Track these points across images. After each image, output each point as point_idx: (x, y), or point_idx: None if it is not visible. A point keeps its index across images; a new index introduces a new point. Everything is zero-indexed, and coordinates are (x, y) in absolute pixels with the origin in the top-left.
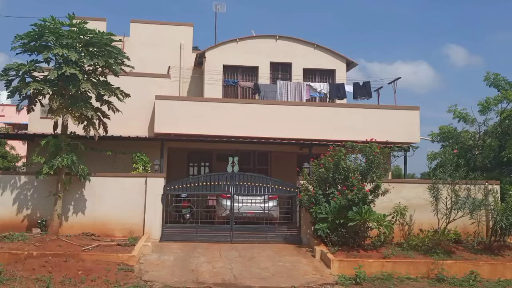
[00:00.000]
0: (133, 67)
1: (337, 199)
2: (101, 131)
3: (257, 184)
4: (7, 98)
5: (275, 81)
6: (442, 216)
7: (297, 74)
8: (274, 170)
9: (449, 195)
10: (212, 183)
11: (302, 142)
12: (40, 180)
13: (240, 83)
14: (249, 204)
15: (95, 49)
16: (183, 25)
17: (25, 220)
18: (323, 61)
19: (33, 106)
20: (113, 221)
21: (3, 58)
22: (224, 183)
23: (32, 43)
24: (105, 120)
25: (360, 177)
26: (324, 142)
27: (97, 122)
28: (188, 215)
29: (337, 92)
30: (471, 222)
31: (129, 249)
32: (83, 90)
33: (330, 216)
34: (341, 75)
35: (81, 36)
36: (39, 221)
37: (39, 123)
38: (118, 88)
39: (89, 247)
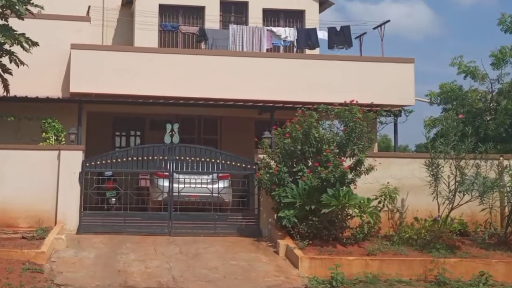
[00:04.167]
0: (42, 7)
1: (307, 179)
2: (0, 90)
3: (203, 159)
4: None
5: (227, 26)
6: (443, 201)
7: (255, 17)
8: (226, 141)
9: (452, 174)
10: (145, 158)
11: (261, 104)
12: None
13: (181, 28)
14: (192, 185)
15: None
16: None
17: None
18: None
19: None
20: (16, 207)
21: None
22: (161, 157)
23: None
24: (6, 76)
25: (337, 150)
26: (291, 105)
27: None
28: (113, 199)
29: (307, 39)
30: (481, 209)
31: (37, 243)
32: None
33: (298, 201)
34: (313, 18)
35: None
36: None
37: None
38: (23, 34)
39: None
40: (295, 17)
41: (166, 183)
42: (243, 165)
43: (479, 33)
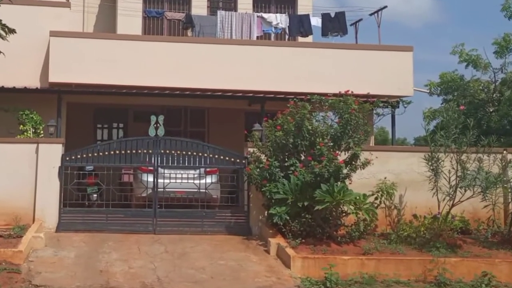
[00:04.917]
0: None
1: (299, 174)
2: None
3: (190, 153)
4: None
5: (215, 12)
6: (444, 197)
7: (245, 2)
8: (214, 134)
9: (453, 168)
10: (128, 152)
11: (251, 95)
12: None
13: (166, 15)
14: (179, 181)
15: None
16: None
17: None
18: None
19: None
20: None
21: None
22: (145, 151)
23: None
24: None
25: (332, 143)
26: (282, 95)
27: None
28: (95, 195)
29: (299, 26)
30: (484, 205)
31: (14, 242)
32: None
33: (290, 197)
34: (306, 4)
35: None
36: None
37: None
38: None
39: None
40: (287, 2)
41: (150, 178)
42: (232, 159)
43: (481, 20)
